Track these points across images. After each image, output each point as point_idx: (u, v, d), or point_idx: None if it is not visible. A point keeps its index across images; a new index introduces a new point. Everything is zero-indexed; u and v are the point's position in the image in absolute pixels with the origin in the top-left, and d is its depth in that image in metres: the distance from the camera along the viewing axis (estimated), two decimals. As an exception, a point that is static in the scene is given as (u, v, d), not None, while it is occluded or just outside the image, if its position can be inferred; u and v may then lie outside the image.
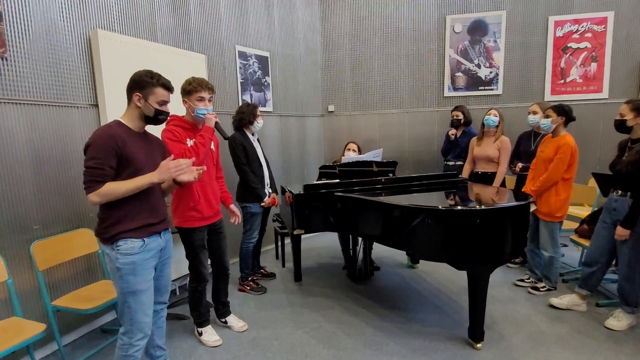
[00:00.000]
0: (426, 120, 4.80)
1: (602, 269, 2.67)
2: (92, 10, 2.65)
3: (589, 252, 2.72)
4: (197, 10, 3.50)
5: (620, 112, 2.45)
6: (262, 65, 4.21)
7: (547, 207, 2.89)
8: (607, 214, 2.59)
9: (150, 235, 1.80)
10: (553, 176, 2.82)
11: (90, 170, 1.63)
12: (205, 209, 2.35)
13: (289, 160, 4.68)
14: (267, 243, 4.34)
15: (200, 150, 2.20)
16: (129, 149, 1.70)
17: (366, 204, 2.64)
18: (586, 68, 4.30)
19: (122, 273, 1.72)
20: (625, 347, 2.35)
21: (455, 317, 2.76)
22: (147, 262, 1.78)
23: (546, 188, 2.86)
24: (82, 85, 2.61)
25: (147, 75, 1.76)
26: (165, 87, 1.79)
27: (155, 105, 1.78)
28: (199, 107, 2.26)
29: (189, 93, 2.28)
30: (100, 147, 1.63)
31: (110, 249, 1.74)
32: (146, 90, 1.75)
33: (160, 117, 1.82)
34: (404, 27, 4.75)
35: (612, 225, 2.55)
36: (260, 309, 2.98)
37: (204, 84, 2.28)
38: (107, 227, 1.72)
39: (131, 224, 1.73)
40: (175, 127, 2.26)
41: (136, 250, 1.74)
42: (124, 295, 1.75)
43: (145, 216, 1.78)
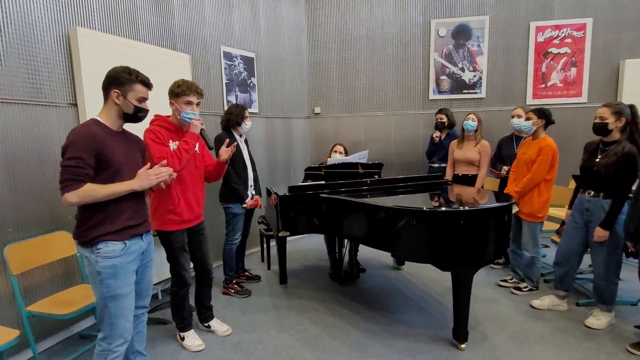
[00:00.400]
0: (411, 122, 4.84)
1: (574, 268, 2.74)
2: (71, 7, 2.59)
3: (560, 252, 2.77)
4: (181, 9, 3.45)
5: (601, 115, 2.49)
6: (248, 66, 4.18)
7: (529, 207, 2.94)
8: (578, 214, 2.64)
9: (132, 237, 1.76)
10: (536, 177, 2.87)
11: (71, 169, 1.58)
12: (184, 212, 2.30)
13: (274, 162, 4.65)
14: (253, 245, 4.30)
15: (183, 157, 2.15)
16: (107, 149, 1.65)
17: (351, 206, 2.63)
18: (566, 73, 4.41)
19: (103, 277, 1.67)
20: (604, 345, 2.39)
21: (440, 318, 2.77)
22: (129, 265, 1.74)
23: (529, 189, 2.91)
24: (60, 83, 2.54)
25: (125, 71, 1.72)
26: (144, 84, 1.76)
27: (134, 102, 1.73)
28: (186, 110, 2.22)
29: (176, 95, 2.23)
30: (79, 146, 1.59)
31: (89, 252, 1.68)
32: (125, 87, 1.70)
33: (139, 115, 1.78)
34: (390, 30, 4.78)
35: (583, 226, 2.61)
36: (244, 312, 2.94)
37: (193, 87, 2.23)
38: (86, 230, 1.67)
39: (112, 226, 1.68)
40: (158, 128, 2.21)
41: (117, 253, 1.69)
42: (104, 300, 1.70)
43: (126, 218, 1.73)
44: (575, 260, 2.72)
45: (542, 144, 2.87)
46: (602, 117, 2.48)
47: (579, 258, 2.73)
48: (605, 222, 2.44)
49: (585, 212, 2.58)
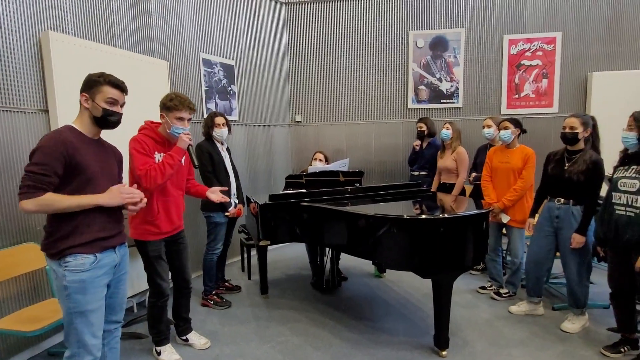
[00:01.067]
0: (391, 131, 4.90)
1: (545, 275, 2.83)
2: (43, 10, 2.51)
3: (530, 259, 2.84)
4: (159, 15, 3.40)
5: (571, 125, 2.58)
6: (228, 74, 4.15)
7: (522, 214, 2.99)
8: (546, 222, 2.71)
9: (103, 250, 1.68)
10: (527, 184, 2.96)
11: (32, 175, 1.51)
12: (163, 224, 2.24)
13: (255, 170, 4.61)
14: (233, 255, 4.22)
15: (167, 171, 2.09)
16: (80, 156, 1.59)
17: (332, 214, 2.63)
18: (538, 84, 4.58)
19: (70, 291, 1.59)
20: (578, 348, 2.45)
21: (422, 325, 2.78)
22: (99, 279, 1.66)
23: (521, 196, 2.98)
24: (30, 89, 2.44)
25: (96, 74, 1.67)
26: (113, 85, 1.68)
27: (102, 104, 1.65)
28: (177, 125, 2.17)
29: (168, 109, 2.17)
30: (47, 152, 1.52)
31: (57, 265, 1.60)
32: (93, 89, 1.64)
33: (109, 118, 1.68)
34: (370, 40, 4.86)
35: (552, 233, 2.68)
36: (224, 324, 2.87)
37: (186, 103, 2.17)
38: (55, 242, 1.59)
39: (81, 238, 1.60)
40: (145, 138, 2.15)
41: (86, 266, 1.61)
42: (71, 316, 1.61)
43: (98, 229, 1.65)
44: (545, 267, 2.81)
45: (528, 152, 2.98)
46: (573, 127, 2.57)
47: (549, 265, 2.82)
48: (581, 227, 2.51)
49: (556, 220, 2.66)
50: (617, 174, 2.27)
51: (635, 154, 2.21)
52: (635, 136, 2.15)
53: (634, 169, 2.18)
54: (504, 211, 3.03)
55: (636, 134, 2.15)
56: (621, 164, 2.30)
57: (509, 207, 3.00)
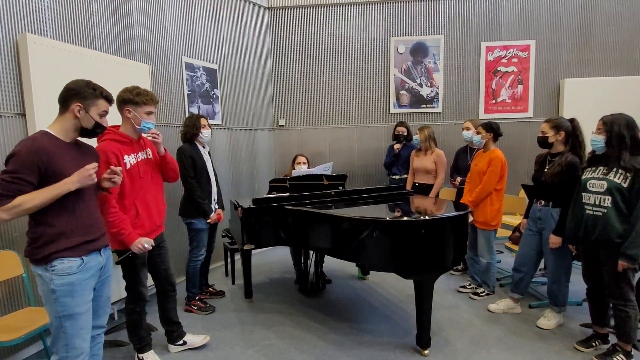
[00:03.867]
0: (374, 135, 4.98)
1: (530, 273, 2.92)
2: (20, 12, 2.46)
3: (518, 258, 2.95)
4: (140, 18, 3.37)
5: (542, 130, 2.71)
6: (211, 78, 4.14)
7: (483, 216, 3.10)
8: (532, 222, 2.83)
9: (89, 253, 1.69)
10: (487, 187, 3.04)
11: (3, 184, 1.50)
12: (146, 223, 2.17)
13: (239, 175, 4.60)
14: (217, 260, 4.20)
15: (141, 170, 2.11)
16: (56, 163, 1.58)
17: (315, 217, 2.66)
18: (514, 90, 4.75)
19: (58, 295, 1.59)
20: (553, 344, 2.55)
21: (404, 326, 2.83)
22: (87, 282, 1.67)
23: (482, 198, 3.08)
24: (7, 92, 2.38)
25: (89, 86, 1.68)
26: (107, 100, 1.73)
27: (96, 117, 1.70)
28: (146, 120, 2.13)
29: (136, 104, 2.09)
30: (22, 161, 1.52)
31: (43, 270, 1.60)
32: (88, 101, 1.66)
33: (98, 131, 1.74)
34: (352, 45, 4.93)
35: (537, 233, 2.79)
36: (208, 329, 2.85)
37: (154, 97, 2.16)
38: (40, 247, 1.59)
39: (67, 242, 1.61)
40: (111, 144, 2.05)
41: (74, 269, 1.62)
42: (60, 320, 1.61)
43: (83, 233, 1.66)
44: (532, 266, 2.89)
45: (492, 156, 3.06)
46: (543, 132, 2.69)
47: (534, 264, 2.90)
48: (557, 229, 2.61)
49: (538, 221, 2.76)
50: (586, 175, 2.38)
51: (602, 156, 2.32)
52: (603, 139, 2.26)
53: (601, 170, 2.29)
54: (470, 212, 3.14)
55: (604, 137, 2.26)
56: (589, 165, 2.41)
57: (471, 207, 3.10)
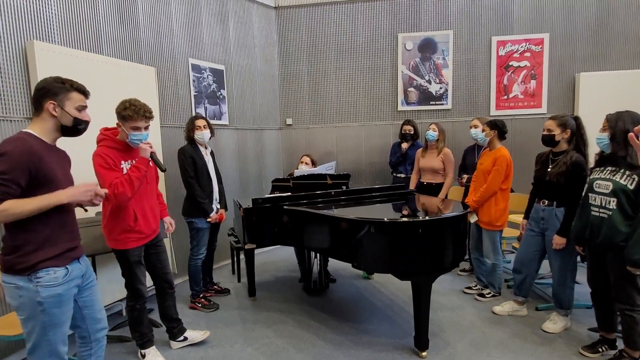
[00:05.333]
0: (381, 133, 4.94)
1: (532, 275, 2.84)
2: (28, 20, 2.56)
3: (518, 259, 2.87)
4: (146, 21, 3.45)
5: (548, 127, 2.62)
6: (217, 79, 4.19)
7: (487, 216, 3.03)
8: (534, 223, 2.75)
9: (72, 261, 1.66)
10: (492, 187, 2.97)
11: None
12: (143, 228, 2.26)
13: (246, 174, 4.65)
14: (224, 258, 4.27)
15: (135, 184, 2.09)
16: (46, 166, 1.52)
17: (312, 217, 2.66)
18: (526, 85, 4.60)
19: (46, 307, 1.54)
20: (558, 348, 2.48)
21: (405, 327, 2.80)
22: (71, 290, 1.64)
23: (486, 198, 3.01)
24: (16, 98, 2.49)
25: (58, 80, 1.60)
26: (80, 91, 1.65)
27: (73, 112, 1.61)
28: (133, 133, 2.14)
29: (123, 119, 2.13)
30: (12, 162, 1.44)
31: (25, 281, 1.52)
32: (60, 96, 1.58)
33: (79, 127, 1.65)
34: (359, 42, 4.89)
35: (539, 234, 2.71)
36: (210, 326, 2.90)
37: (141, 112, 2.11)
38: (24, 256, 1.51)
39: (53, 250, 1.56)
40: (106, 150, 2.12)
41: (60, 280, 1.58)
42: (44, 330, 1.56)
43: (67, 239, 1.63)
44: (533, 268, 2.81)
45: (497, 155, 2.98)
46: (549, 130, 2.60)
47: (536, 265, 2.82)
48: (561, 229, 2.53)
49: (541, 221, 2.68)
50: (593, 175, 2.29)
51: (609, 155, 2.23)
52: (608, 137, 2.17)
53: (608, 170, 2.20)
54: (474, 211, 3.06)
55: (609, 134, 2.17)
56: (597, 165, 2.32)
57: (475, 207, 3.04)
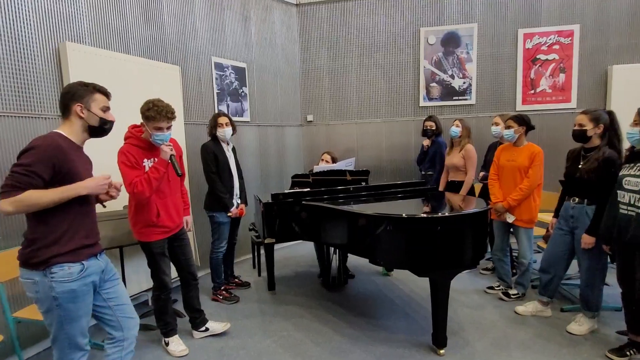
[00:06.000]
0: (403, 129, 4.89)
1: (559, 275, 2.74)
2: (61, 22, 2.69)
3: (545, 258, 2.78)
4: (172, 21, 3.55)
5: (579, 122, 2.52)
6: (239, 76, 4.27)
7: (528, 214, 2.94)
8: (563, 221, 2.66)
9: (89, 257, 1.67)
10: (534, 183, 2.89)
11: (15, 176, 1.48)
12: (166, 223, 2.36)
13: (267, 170, 4.71)
14: (245, 253, 4.35)
15: (153, 184, 2.18)
16: (71, 162, 1.59)
17: (330, 213, 2.68)
18: (555, 79, 4.44)
19: (61, 302, 1.57)
20: (583, 351, 2.40)
21: (423, 324, 2.78)
22: (88, 286, 1.66)
23: (528, 195, 2.92)
24: (50, 96, 2.63)
25: (81, 84, 1.69)
26: (102, 93, 1.73)
27: (99, 112, 1.69)
28: (157, 134, 2.23)
29: (147, 119, 2.22)
30: (39, 155, 1.50)
31: (41, 276, 1.55)
32: (86, 98, 1.67)
33: (105, 127, 1.73)
34: (380, 38, 4.86)
35: (569, 233, 2.62)
36: (231, 318, 2.98)
37: (163, 112, 2.19)
38: (38, 250, 1.55)
39: (69, 244, 1.59)
40: (131, 148, 2.23)
41: (74, 276, 1.59)
42: (62, 323, 1.60)
43: (83, 236, 1.65)
44: (561, 267, 2.72)
45: (535, 151, 2.90)
46: (581, 124, 2.50)
47: (564, 265, 2.72)
48: (591, 228, 2.43)
49: (571, 219, 2.59)
50: (623, 172, 2.20)
51: (640, 151, 2.13)
52: (639, 132, 2.07)
53: (639, 166, 2.10)
54: (509, 211, 2.98)
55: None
56: (627, 161, 2.22)
57: (514, 206, 2.95)
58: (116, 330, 1.81)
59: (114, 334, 1.82)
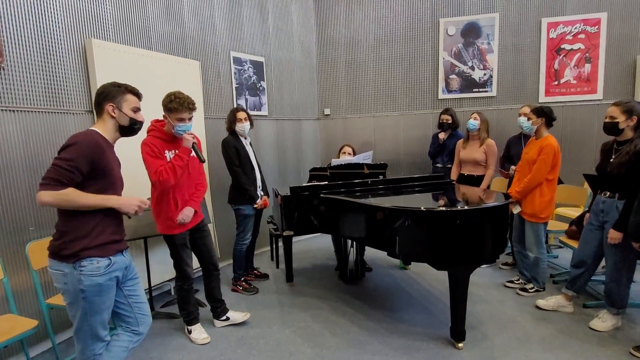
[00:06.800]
0: (420, 122, 4.84)
1: (590, 271, 2.68)
2: (86, 20, 2.77)
3: (577, 253, 2.73)
4: (191, 17, 3.60)
5: (611, 114, 2.44)
6: (257, 70, 4.30)
7: (531, 208, 2.91)
8: (594, 216, 2.59)
9: (116, 253, 1.73)
10: (537, 177, 2.84)
11: (58, 169, 1.55)
12: None
13: (285, 164, 4.75)
14: (263, 245, 4.42)
15: (177, 172, 2.27)
16: (106, 160, 1.67)
17: (349, 205, 2.69)
18: (580, 69, 4.30)
19: (87, 294, 1.63)
20: (607, 348, 2.35)
21: (441, 318, 2.78)
22: (112, 281, 1.71)
23: (530, 189, 2.88)
24: (77, 92, 2.72)
25: (114, 85, 1.76)
26: (134, 93, 1.80)
27: (129, 113, 1.77)
28: (179, 125, 2.30)
29: (169, 110, 2.30)
30: (80, 151, 1.58)
31: (70, 269, 1.61)
32: (118, 99, 1.74)
33: (135, 127, 1.81)
34: (398, 30, 4.80)
35: (599, 227, 2.56)
36: (250, 308, 3.04)
37: (185, 104, 2.27)
38: (69, 242, 1.61)
39: (98, 239, 1.64)
40: (153, 140, 2.31)
41: (102, 270, 1.65)
42: (86, 315, 1.66)
43: (111, 232, 1.72)
44: (591, 263, 2.65)
45: (543, 143, 2.84)
46: (612, 117, 2.43)
47: (595, 260, 2.66)
48: (618, 223, 2.36)
49: (601, 214, 2.53)
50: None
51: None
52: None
53: (669, 160, 2.03)
54: (518, 202, 2.94)
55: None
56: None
57: (518, 198, 2.92)
58: (133, 326, 1.87)
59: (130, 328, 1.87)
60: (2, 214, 2.33)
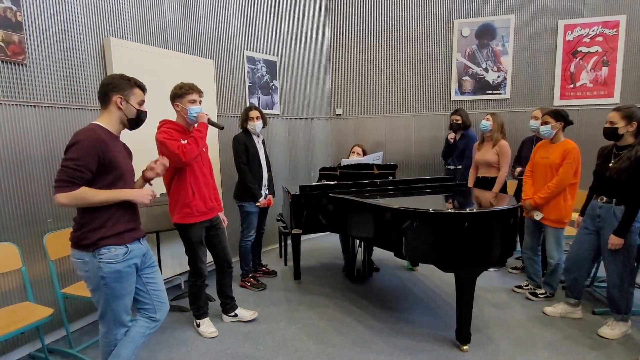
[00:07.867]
0: (432, 124, 4.82)
1: (584, 275, 2.68)
2: (106, 19, 2.85)
3: (569, 258, 2.71)
4: (207, 16, 3.66)
5: (610, 119, 2.43)
6: (270, 70, 4.35)
7: (557, 214, 2.86)
8: (590, 220, 2.57)
9: (133, 241, 1.79)
10: (565, 182, 2.80)
11: (67, 170, 1.60)
12: (199, 205, 2.47)
13: (295, 163, 4.79)
14: (272, 242, 4.47)
15: (200, 142, 2.37)
16: (112, 153, 1.69)
17: (357, 205, 2.71)
18: (597, 72, 4.23)
19: (108, 281, 1.71)
20: (614, 355, 2.33)
21: (447, 320, 2.79)
22: (132, 267, 1.78)
23: (556, 194, 2.83)
24: (95, 89, 2.76)
25: (123, 78, 1.79)
26: (141, 88, 1.84)
27: (136, 105, 1.81)
28: (192, 107, 2.41)
29: (180, 96, 2.40)
30: (84, 149, 1.62)
31: (90, 257, 1.69)
32: (127, 91, 1.77)
33: (142, 118, 1.85)
34: (412, 31, 4.79)
35: (594, 232, 2.54)
36: (258, 304, 3.10)
37: (195, 87, 2.43)
38: (88, 232, 1.68)
39: (114, 228, 1.71)
40: (169, 129, 2.39)
41: (120, 258, 1.72)
42: (108, 301, 1.74)
43: (127, 220, 1.78)
44: (585, 268, 2.66)
45: (568, 147, 2.80)
46: (612, 122, 2.41)
47: (588, 266, 2.67)
48: (620, 229, 2.36)
49: (597, 219, 2.52)
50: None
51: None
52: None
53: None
54: (537, 208, 2.90)
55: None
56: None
57: (541, 204, 2.87)
58: (150, 313, 1.93)
59: (148, 314, 1.93)
60: (22, 206, 2.42)
